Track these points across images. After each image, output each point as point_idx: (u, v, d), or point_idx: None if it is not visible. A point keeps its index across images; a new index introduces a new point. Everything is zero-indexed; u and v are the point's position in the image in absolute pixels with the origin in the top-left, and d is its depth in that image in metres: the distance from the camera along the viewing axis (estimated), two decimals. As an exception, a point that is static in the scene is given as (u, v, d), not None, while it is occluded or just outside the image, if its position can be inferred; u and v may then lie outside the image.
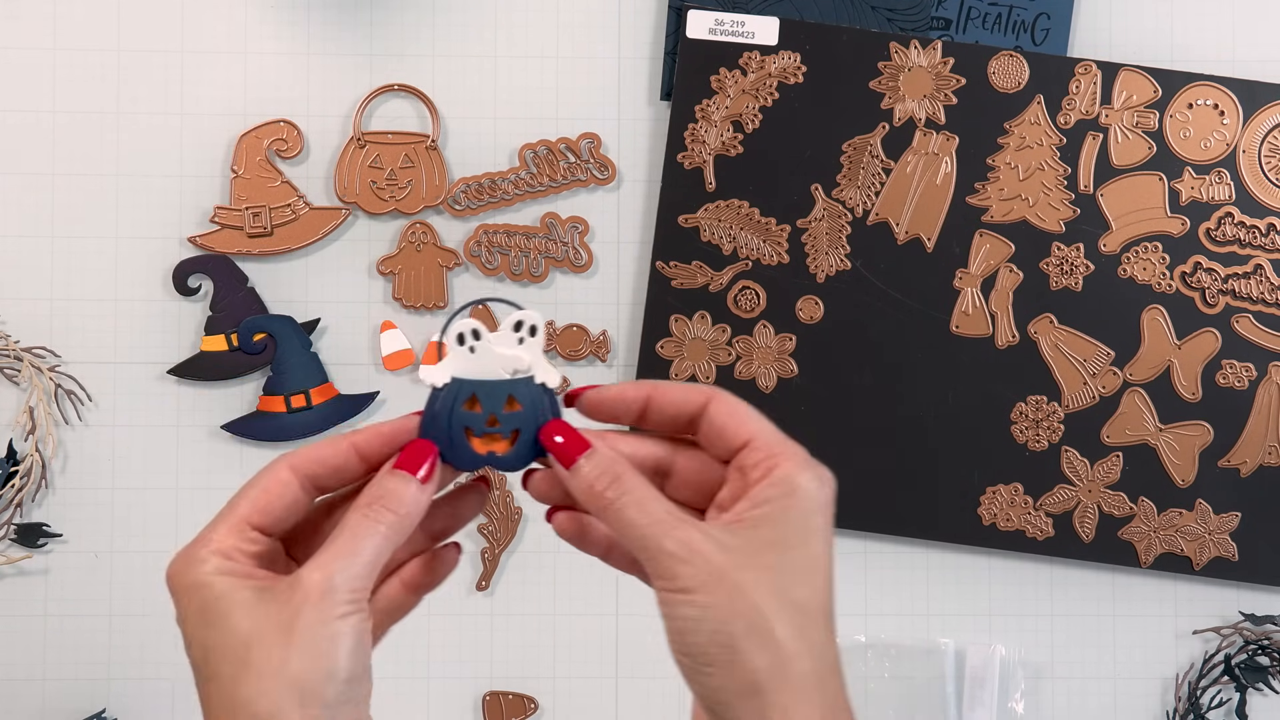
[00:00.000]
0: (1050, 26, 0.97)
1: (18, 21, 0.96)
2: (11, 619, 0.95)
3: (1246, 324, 0.95)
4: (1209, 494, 0.95)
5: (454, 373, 0.51)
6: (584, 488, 0.49)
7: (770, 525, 0.48)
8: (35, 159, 0.96)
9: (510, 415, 0.51)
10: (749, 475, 0.50)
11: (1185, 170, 0.95)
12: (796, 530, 0.49)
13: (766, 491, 0.49)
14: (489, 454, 0.51)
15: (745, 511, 0.49)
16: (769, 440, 0.50)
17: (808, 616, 0.48)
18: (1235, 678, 0.96)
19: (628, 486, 0.49)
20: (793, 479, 0.49)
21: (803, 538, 0.49)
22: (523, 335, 0.51)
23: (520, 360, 0.51)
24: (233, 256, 0.96)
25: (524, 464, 0.52)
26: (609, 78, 0.98)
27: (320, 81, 0.97)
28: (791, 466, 0.49)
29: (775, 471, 0.49)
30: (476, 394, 0.51)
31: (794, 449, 0.50)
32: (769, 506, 0.49)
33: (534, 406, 0.51)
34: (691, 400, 0.52)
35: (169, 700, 0.95)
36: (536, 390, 0.51)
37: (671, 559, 0.47)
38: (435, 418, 0.51)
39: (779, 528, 0.48)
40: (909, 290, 0.96)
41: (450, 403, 0.51)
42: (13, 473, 0.95)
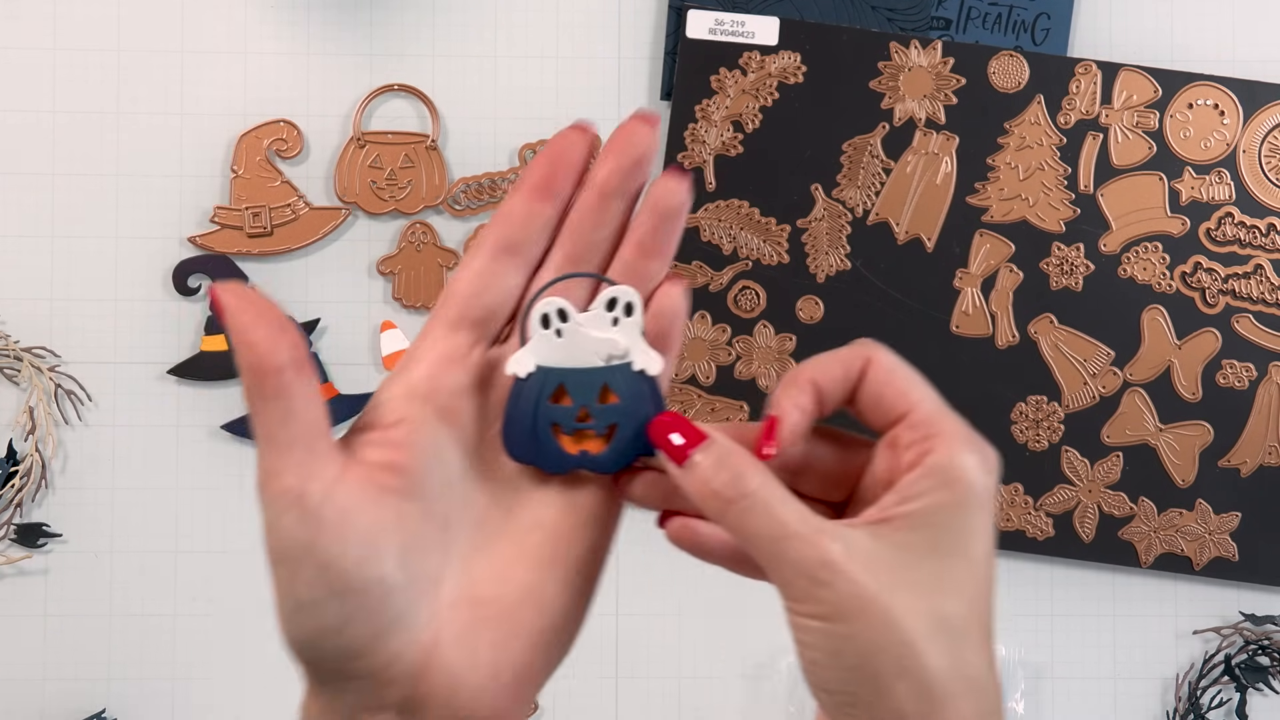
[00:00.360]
0: (1050, 26, 0.97)
1: (18, 21, 0.96)
2: (11, 619, 0.95)
3: (1247, 324, 0.95)
4: (1209, 494, 0.95)
5: (539, 360, 0.44)
6: (700, 488, 0.41)
7: (924, 528, 0.41)
8: (35, 159, 0.96)
9: (606, 409, 0.44)
10: (900, 458, 0.43)
11: (1185, 170, 0.95)
12: (955, 533, 0.41)
13: (920, 483, 0.41)
14: (581, 454, 0.44)
15: (894, 508, 0.41)
16: (927, 414, 0.42)
17: (966, 643, 0.41)
18: (1235, 678, 0.96)
19: (752, 486, 0.41)
20: (951, 466, 0.41)
21: (962, 542, 0.41)
22: (617, 315, 0.44)
23: (615, 344, 0.44)
24: (233, 256, 0.96)
25: (622, 464, 0.44)
26: (609, 78, 0.98)
27: (320, 81, 0.97)
28: (950, 450, 0.41)
29: (930, 457, 0.41)
30: (565, 385, 0.44)
31: (953, 424, 0.42)
32: (922, 502, 0.41)
33: (633, 398, 0.44)
34: (852, 371, 0.44)
35: (169, 700, 0.95)
36: (635, 378, 0.44)
37: (806, 580, 0.40)
38: (518, 415, 0.44)
39: (934, 531, 0.41)
40: (909, 290, 0.96)
41: (535, 396, 0.44)
42: (13, 473, 0.95)
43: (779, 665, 0.96)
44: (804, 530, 0.40)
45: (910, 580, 0.40)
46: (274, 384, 0.39)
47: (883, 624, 0.39)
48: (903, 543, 0.41)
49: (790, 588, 0.40)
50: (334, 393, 0.96)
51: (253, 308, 0.40)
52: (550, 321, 0.44)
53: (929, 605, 0.40)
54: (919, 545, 0.41)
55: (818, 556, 0.40)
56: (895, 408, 0.43)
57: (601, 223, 0.44)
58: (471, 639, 0.42)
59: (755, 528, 0.40)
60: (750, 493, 0.41)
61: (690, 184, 0.44)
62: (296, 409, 0.39)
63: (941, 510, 0.41)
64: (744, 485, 0.41)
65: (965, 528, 0.41)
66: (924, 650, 0.39)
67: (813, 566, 0.40)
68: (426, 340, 0.44)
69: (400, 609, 0.40)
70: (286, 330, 0.40)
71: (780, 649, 0.96)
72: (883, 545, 0.40)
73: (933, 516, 0.41)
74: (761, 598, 0.97)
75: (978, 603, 0.41)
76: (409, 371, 0.43)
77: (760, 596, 0.97)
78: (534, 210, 0.44)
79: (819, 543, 0.40)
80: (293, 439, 0.39)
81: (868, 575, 0.39)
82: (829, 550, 0.40)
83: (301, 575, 0.40)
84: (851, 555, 0.40)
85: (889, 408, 0.43)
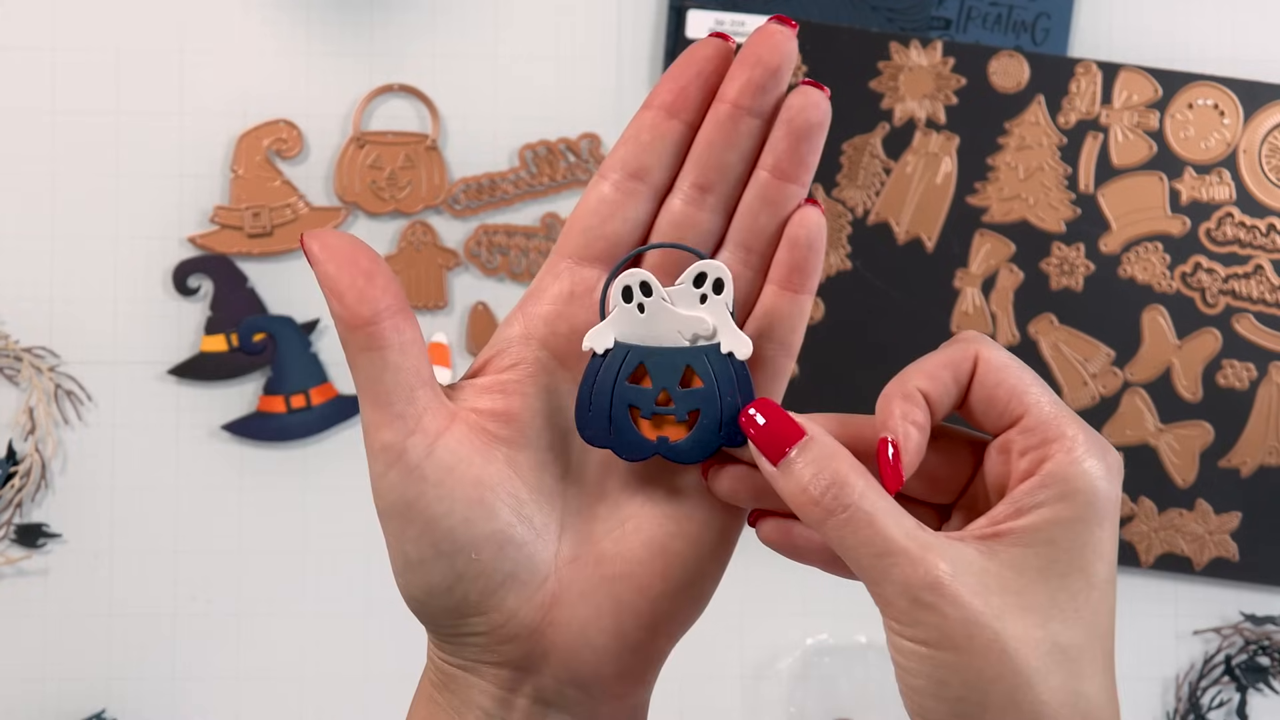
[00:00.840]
0: (1050, 26, 0.97)
1: (18, 21, 0.96)
2: (11, 619, 0.95)
3: (1247, 324, 0.95)
4: (1209, 494, 0.95)
5: (619, 336, 0.40)
6: (796, 492, 0.37)
7: (1041, 544, 0.37)
8: (35, 159, 0.96)
9: (688, 393, 0.40)
10: (1014, 464, 0.39)
11: (1185, 170, 0.95)
12: (1075, 550, 0.37)
13: (1036, 494, 0.37)
14: (660, 440, 0.40)
15: (1007, 522, 0.38)
16: (1043, 416, 0.38)
17: (1083, 674, 0.37)
18: (1236, 678, 0.96)
19: (853, 494, 0.37)
20: (1072, 475, 0.37)
21: (1082, 561, 0.37)
22: (705, 291, 0.40)
23: (702, 323, 0.40)
24: (232, 256, 0.96)
25: (705, 455, 0.41)
26: (609, 78, 0.98)
27: (320, 81, 0.97)
28: (1070, 456, 0.38)
29: (1047, 464, 0.38)
30: (646, 364, 0.41)
31: (1073, 426, 0.38)
32: (1039, 516, 0.37)
33: (720, 382, 0.40)
34: (962, 374, 0.40)
35: (169, 700, 0.95)
36: (723, 362, 0.40)
37: (910, 602, 0.36)
38: (594, 394, 0.40)
39: (1052, 548, 0.37)
40: (909, 290, 0.96)
41: (613, 374, 0.40)
42: (12, 473, 0.95)
43: (779, 665, 0.96)
44: (910, 547, 0.36)
45: (1024, 604, 0.36)
46: (365, 336, 0.37)
47: (993, 653, 0.36)
48: (1016, 561, 0.37)
49: (892, 608, 0.37)
50: (334, 393, 0.96)
51: (339, 255, 0.38)
52: (633, 295, 0.40)
53: (1045, 633, 0.36)
54: (1034, 564, 0.37)
55: (924, 577, 0.36)
56: (1009, 410, 0.39)
57: (734, 143, 0.40)
58: (594, 597, 0.40)
59: (856, 541, 0.37)
60: (852, 504, 0.37)
61: (829, 99, 0.40)
62: (391, 360, 0.38)
63: (1060, 525, 0.37)
64: (846, 495, 0.37)
65: (1086, 544, 0.37)
66: (1038, 683, 0.36)
67: (918, 588, 0.36)
68: (548, 275, 0.41)
69: (515, 565, 0.39)
70: (375, 278, 0.38)
71: (780, 649, 0.96)
72: (994, 564, 0.37)
73: (1050, 531, 0.37)
74: (762, 598, 0.97)
75: (1097, 628, 0.37)
76: (527, 309, 0.41)
77: (761, 597, 0.97)
78: (662, 130, 0.40)
79: (926, 561, 0.36)
80: (390, 392, 0.38)
81: (978, 599, 0.36)
82: (936, 570, 0.36)
83: (408, 533, 0.38)
84: (960, 576, 0.36)
85: (1002, 410, 0.39)
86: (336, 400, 0.95)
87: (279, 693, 0.95)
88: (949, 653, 0.36)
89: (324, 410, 0.95)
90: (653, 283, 0.40)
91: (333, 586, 0.96)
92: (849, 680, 0.96)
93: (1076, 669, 0.37)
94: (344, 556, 0.96)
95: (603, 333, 0.40)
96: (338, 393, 0.96)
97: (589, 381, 0.41)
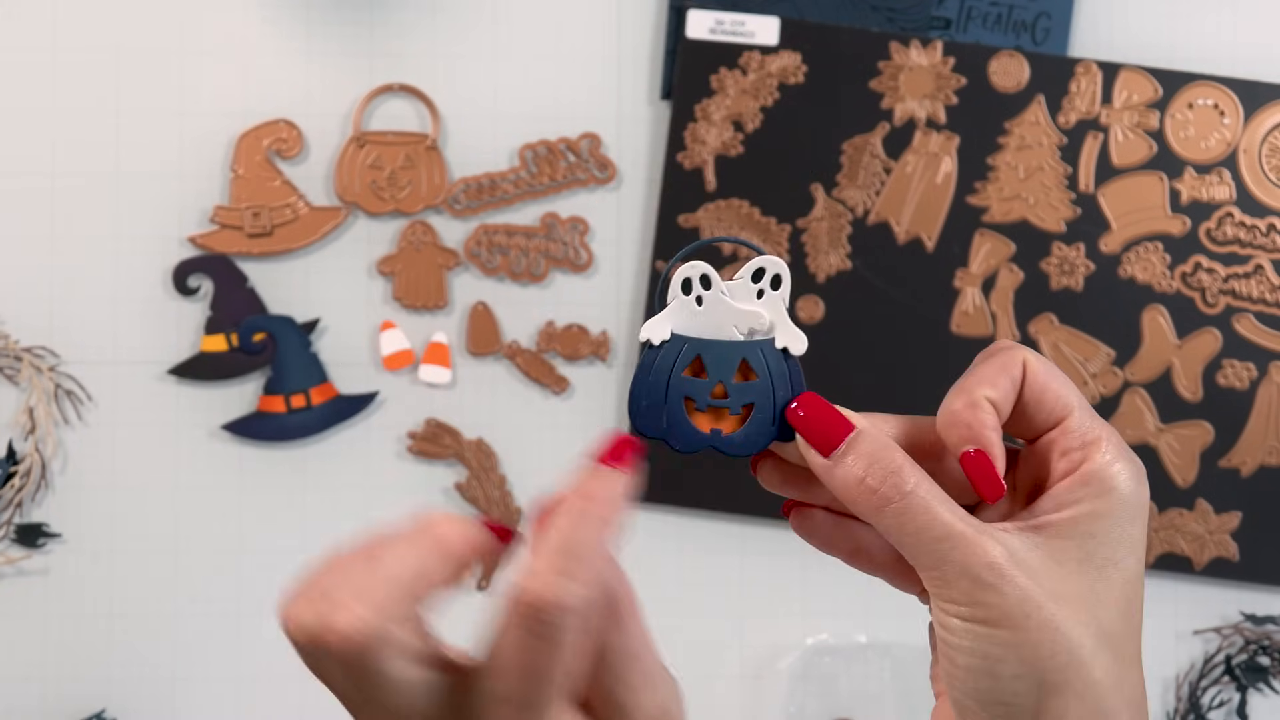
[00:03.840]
0: (1050, 26, 0.97)
1: (18, 21, 0.96)
2: (11, 619, 0.95)
3: (1247, 324, 0.95)
4: (1209, 494, 0.95)
5: (675, 328, 0.40)
6: (851, 484, 0.39)
7: (1079, 536, 0.40)
8: (35, 159, 0.96)
9: (742, 386, 0.40)
10: (1053, 465, 0.41)
11: (1186, 170, 0.95)
12: (1110, 544, 0.40)
13: (1076, 491, 0.40)
14: (714, 433, 0.40)
15: (1049, 515, 0.40)
16: (1082, 420, 0.41)
17: (1123, 656, 0.39)
18: (1236, 678, 0.96)
19: (909, 484, 0.39)
20: (1109, 476, 0.40)
21: (1117, 554, 0.40)
22: (763, 286, 0.40)
23: (759, 318, 0.40)
24: (232, 256, 0.96)
25: (757, 449, 0.41)
26: (609, 77, 0.98)
27: (320, 81, 0.97)
28: (1106, 459, 0.40)
29: (1086, 465, 0.40)
30: (702, 356, 0.40)
31: (1108, 432, 0.41)
32: (1078, 510, 0.40)
33: (775, 377, 0.41)
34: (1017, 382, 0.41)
35: (169, 700, 0.95)
36: (778, 357, 0.41)
37: (970, 582, 0.38)
38: (649, 386, 0.40)
39: (1090, 540, 0.40)
40: (909, 290, 0.96)
41: (670, 365, 0.40)
42: (12, 473, 0.94)
43: (779, 665, 0.96)
44: (967, 531, 0.39)
45: (1071, 590, 0.39)
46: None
47: (1049, 631, 0.38)
48: (1059, 552, 0.39)
49: (951, 589, 0.38)
50: (334, 393, 0.96)
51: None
52: (692, 287, 0.40)
53: (1092, 615, 0.39)
54: (1073, 554, 0.39)
55: (983, 558, 0.38)
56: (1054, 413, 0.41)
57: None
58: None
59: (915, 527, 0.39)
60: (909, 492, 0.39)
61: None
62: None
63: (1097, 519, 0.40)
64: (902, 484, 0.39)
65: (1120, 538, 0.40)
66: (1090, 663, 0.38)
67: (978, 568, 0.38)
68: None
69: None
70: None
71: (780, 649, 0.96)
72: (1040, 552, 0.39)
73: (1088, 525, 0.40)
74: (762, 598, 0.97)
75: (1131, 618, 0.40)
76: None
77: (760, 597, 0.97)
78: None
79: (984, 544, 0.38)
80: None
81: (1032, 581, 0.38)
82: (994, 553, 0.38)
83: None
84: (1016, 560, 0.38)
85: (1048, 413, 0.41)
86: (336, 400, 0.95)
87: (279, 693, 0.95)
88: (1007, 630, 0.38)
89: (324, 410, 0.95)
90: (712, 275, 0.40)
91: (333, 586, 0.95)
92: (849, 680, 0.96)
93: (1121, 655, 0.39)
94: (344, 556, 0.96)
95: (660, 324, 0.40)
96: (337, 393, 0.96)
97: (644, 373, 0.40)
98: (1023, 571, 0.38)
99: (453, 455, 0.96)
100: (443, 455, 0.96)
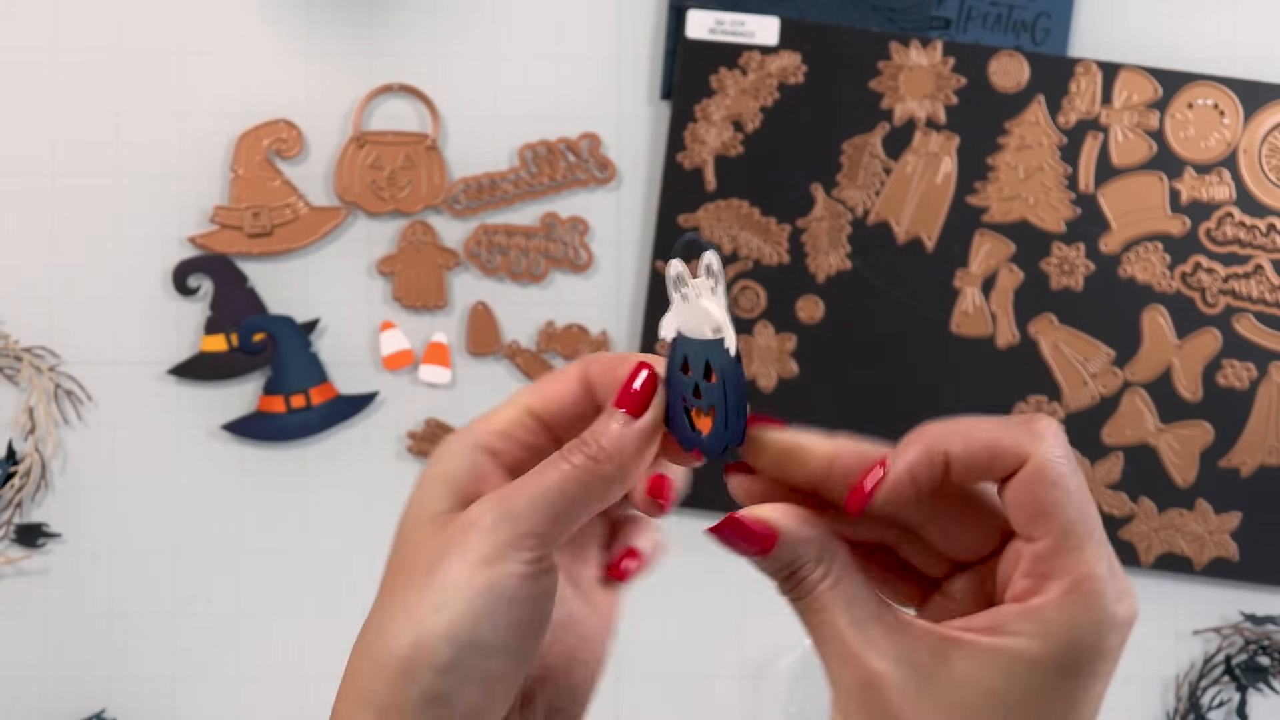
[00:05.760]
0: (1050, 26, 0.97)
1: (18, 21, 0.96)
2: (11, 619, 0.95)
3: (1247, 324, 0.95)
4: (1209, 494, 0.95)
5: (679, 326, 0.39)
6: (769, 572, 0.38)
7: (1000, 671, 0.35)
8: (35, 159, 0.96)
9: (708, 388, 0.39)
10: (1015, 576, 0.36)
11: (1185, 170, 0.95)
12: (1034, 695, 0.35)
13: (1020, 624, 0.35)
14: (697, 433, 0.39)
15: (977, 634, 0.36)
16: (1064, 540, 0.35)
17: None
18: (1235, 678, 0.96)
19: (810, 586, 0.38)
20: (1072, 622, 0.35)
21: (1041, 710, 0.35)
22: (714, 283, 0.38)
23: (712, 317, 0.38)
24: (232, 256, 0.96)
25: (719, 452, 0.40)
26: (609, 77, 0.98)
27: (320, 81, 0.97)
28: (1073, 599, 0.35)
29: (1038, 600, 0.35)
30: (687, 356, 0.39)
31: (1090, 564, 0.35)
32: (1012, 642, 0.35)
33: (728, 381, 0.38)
34: (1002, 467, 0.36)
35: (169, 700, 0.95)
36: (729, 361, 0.38)
37: (846, 694, 0.36)
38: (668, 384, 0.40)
39: (1010, 680, 0.35)
40: (909, 290, 0.96)
41: (670, 365, 0.40)
42: (12, 473, 0.94)
43: (779, 665, 0.96)
44: (852, 641, 0.36)
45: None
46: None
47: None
48: (966, 677, 0.35)
49: (835, 693, 0.37)
50: (334, 393, 0.96)
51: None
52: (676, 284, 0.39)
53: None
54: (984, 686, 0.35)
55: (857, 673, 0.36)
56: (1032, 531, 0.36)
57: None
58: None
59: (810, 626, 0.37)
60: (808, 594, 0.37)
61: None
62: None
63: (1035, 670, 0.35)
64: (804, 586, 0.38)
65: (1055, 694, 0.35)
66: None
67: (852, 683, 0.36)
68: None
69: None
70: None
71: (780, 649, 0.96)
72: (943, 672, 0.35)
73: (1022, 672, 0.35)
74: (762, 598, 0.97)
75: None
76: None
77: (760, 596, 0.97)
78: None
79: (865, 662, 0.36)
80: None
81: (907, 707, 0.35)
82: (872, 668, 0.36)
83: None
84: (899, 678, 0.35)
85: (1024, 524, 0.36)
86: (336, 400, 0.95)
87: (279, 693, 0.95)
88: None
89: (324, 410, 0.95)
90: (684, 273, 0.39)
91: (333, 586, 0.96)
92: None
93: None
94: (344, 556, 0.96)
95: (669, 322, 0.40)
96: (337, 393, 0.96)
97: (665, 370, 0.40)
98: (900, 694, 0.35)
99: (453, 455, 0.96)
100: (443, 455, 0.96)
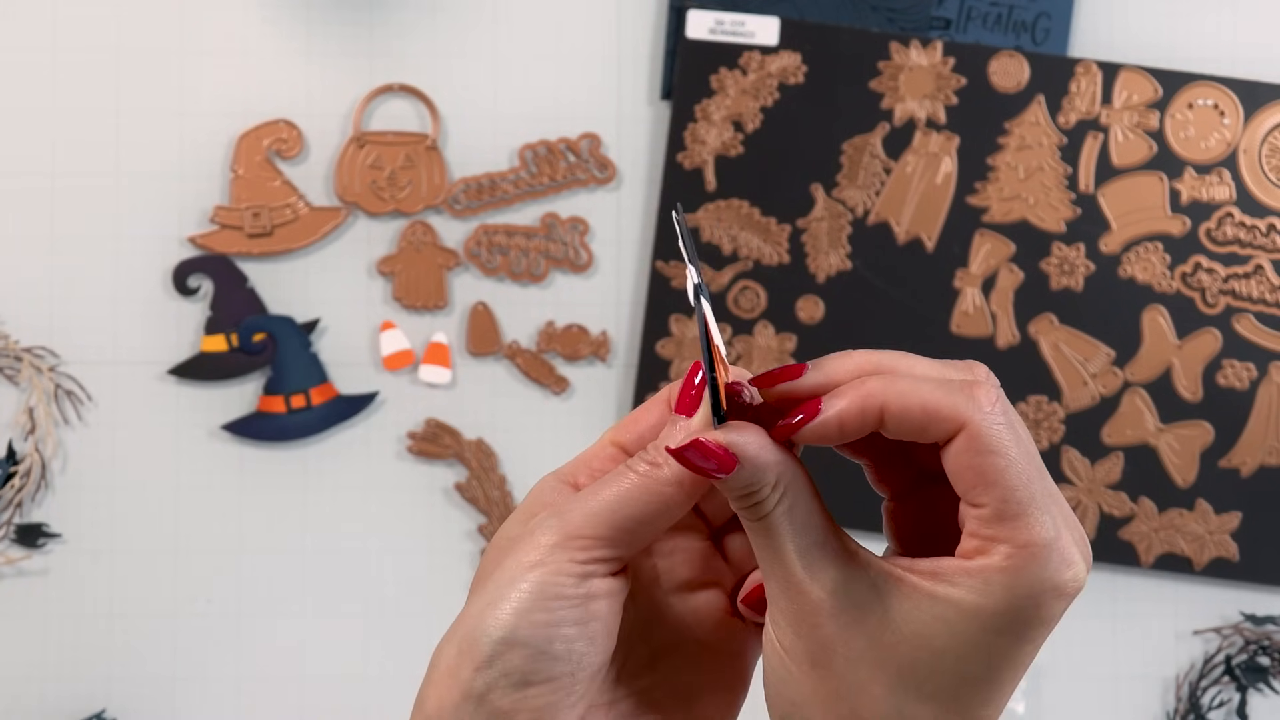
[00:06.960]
0: (1050, 26, 0.97)
1: (18, 21, 0.96)
2: (11, 619, 0.95)
3: (1247, 324, 0.95)
4: (1209, 494, 0.95)
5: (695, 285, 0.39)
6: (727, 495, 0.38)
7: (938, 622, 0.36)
8: (35, 158, 0.96)
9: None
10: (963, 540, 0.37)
11: (1186, 170, 0.95)
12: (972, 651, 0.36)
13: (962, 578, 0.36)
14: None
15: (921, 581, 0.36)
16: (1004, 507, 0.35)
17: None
18: (1236, 678, 0.96)
19: (766, 509, 0.38)
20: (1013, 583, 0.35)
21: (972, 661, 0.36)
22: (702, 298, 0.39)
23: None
24: (232, 256, 0.96)
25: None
26: (609, 77, 0.98)
27: (320, 81, 0.97)
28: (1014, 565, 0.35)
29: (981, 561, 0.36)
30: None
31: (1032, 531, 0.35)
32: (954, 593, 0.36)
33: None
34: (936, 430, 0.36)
35: (169, 700, 0.95)
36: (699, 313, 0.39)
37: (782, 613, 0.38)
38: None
39: (944, 635, 0.36)
40: (909, 290, 0.96)
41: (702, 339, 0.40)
42: (12, 473, 0.94)
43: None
44: (796, 571, 0.37)
45: (879, 658, 0.36)
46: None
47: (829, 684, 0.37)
48: (902, 616, 0.36)
49: (772, 611, 0.38)
50: (334, 393, 0.96)
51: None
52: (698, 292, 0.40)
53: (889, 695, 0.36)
54: (915, 629, 0.36)
55: (799, 602, 0.37)
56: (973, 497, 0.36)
57: None
58: None
59: (758, 548, 0.38)
60: (761, 517, 0.37)
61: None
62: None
63: (962, 612, 0.36)
64: (758, 509, 0.37)
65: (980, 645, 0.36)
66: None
67: (792, 609, 0.37)
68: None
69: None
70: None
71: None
72: (880, 607, 0.36)
73: (948, 613, 0.36)
74: (761, 598, 0.97)
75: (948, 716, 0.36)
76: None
77: (760, 596, 0.97)
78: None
79: (804, 589, 0.37)
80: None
81: (838, 634, 0.37)
82: (811, 598, 0.37)
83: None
84: (832, 609, 0.37)
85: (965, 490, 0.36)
86: (336, 400, 0.95)
87: (279, 693, 0.95)
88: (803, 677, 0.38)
89: (324, 410, 0.95)
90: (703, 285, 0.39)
91: (333, 586, 0.96)
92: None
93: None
94: (344, 556, 0.96)
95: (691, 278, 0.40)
96: (337, 393, 0.96)
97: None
98: (833, 621, 0.37)
99: (453, 455, 0.96)
100: (443, 455, 0.96)
